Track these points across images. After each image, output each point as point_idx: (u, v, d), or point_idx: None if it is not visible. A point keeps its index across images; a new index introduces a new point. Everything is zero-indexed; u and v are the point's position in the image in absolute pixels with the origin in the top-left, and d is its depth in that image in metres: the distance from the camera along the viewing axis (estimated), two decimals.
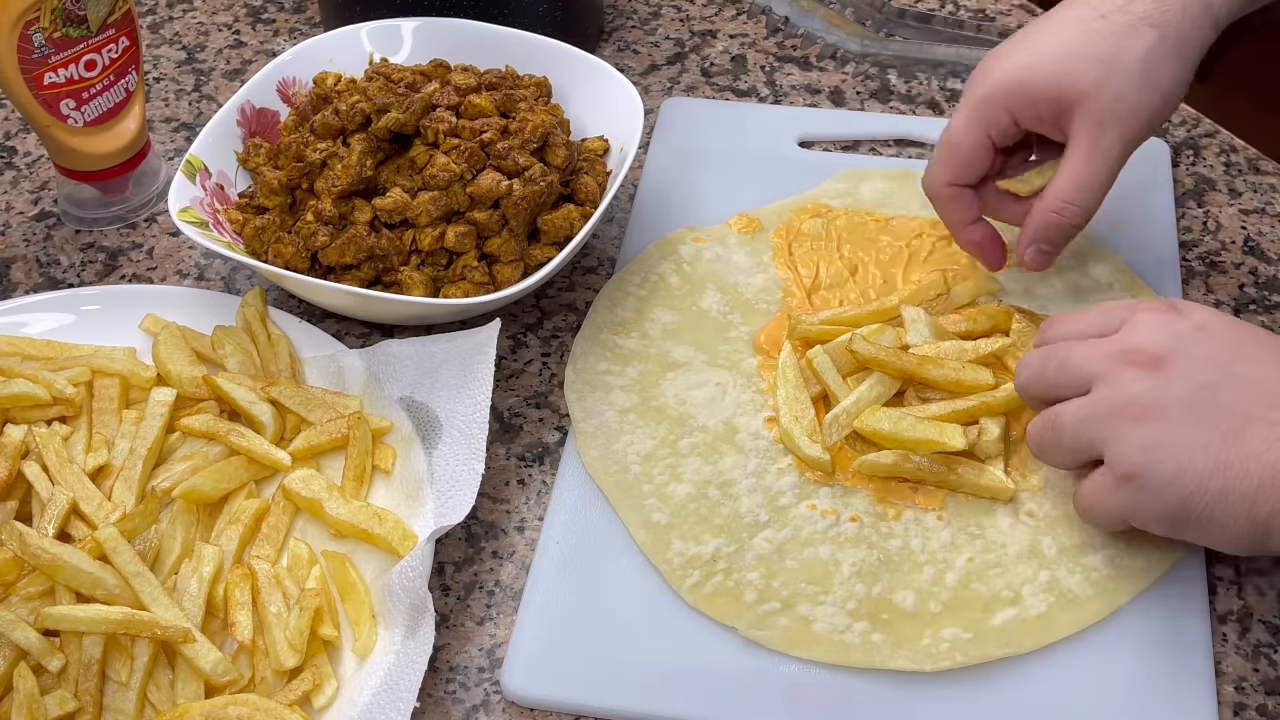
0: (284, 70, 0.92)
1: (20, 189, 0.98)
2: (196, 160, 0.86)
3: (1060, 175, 0.76)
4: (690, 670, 0.68)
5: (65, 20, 0.85)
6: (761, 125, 0.98)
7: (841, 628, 0.69)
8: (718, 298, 0.85)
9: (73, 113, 0.89)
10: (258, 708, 0.64)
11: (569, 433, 0.79)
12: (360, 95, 0.84)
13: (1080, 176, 0.75)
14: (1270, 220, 0.92)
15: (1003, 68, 0.76)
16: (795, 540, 0.72)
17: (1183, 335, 0.66)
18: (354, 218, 0.82)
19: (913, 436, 0.73)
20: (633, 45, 1.08)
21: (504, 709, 0.69)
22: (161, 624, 0.66)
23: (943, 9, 1.09)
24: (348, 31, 0.94)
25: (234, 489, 0.75)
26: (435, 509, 0.73)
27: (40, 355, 0.80)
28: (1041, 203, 0.77)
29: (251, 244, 0.83)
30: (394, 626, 0.68)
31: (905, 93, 1.02)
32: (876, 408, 0.74)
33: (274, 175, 0.84)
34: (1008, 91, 0.75)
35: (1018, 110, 0.75)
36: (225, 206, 0.86)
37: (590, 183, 0.85)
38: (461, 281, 0.81)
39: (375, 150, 0.83)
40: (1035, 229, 0.77)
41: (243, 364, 0.80)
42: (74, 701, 0.65)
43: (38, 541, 0.67)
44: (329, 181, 0.82)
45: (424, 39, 0.94)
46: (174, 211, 0.81)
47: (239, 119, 0.89)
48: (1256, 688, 0.68)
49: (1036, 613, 0.69)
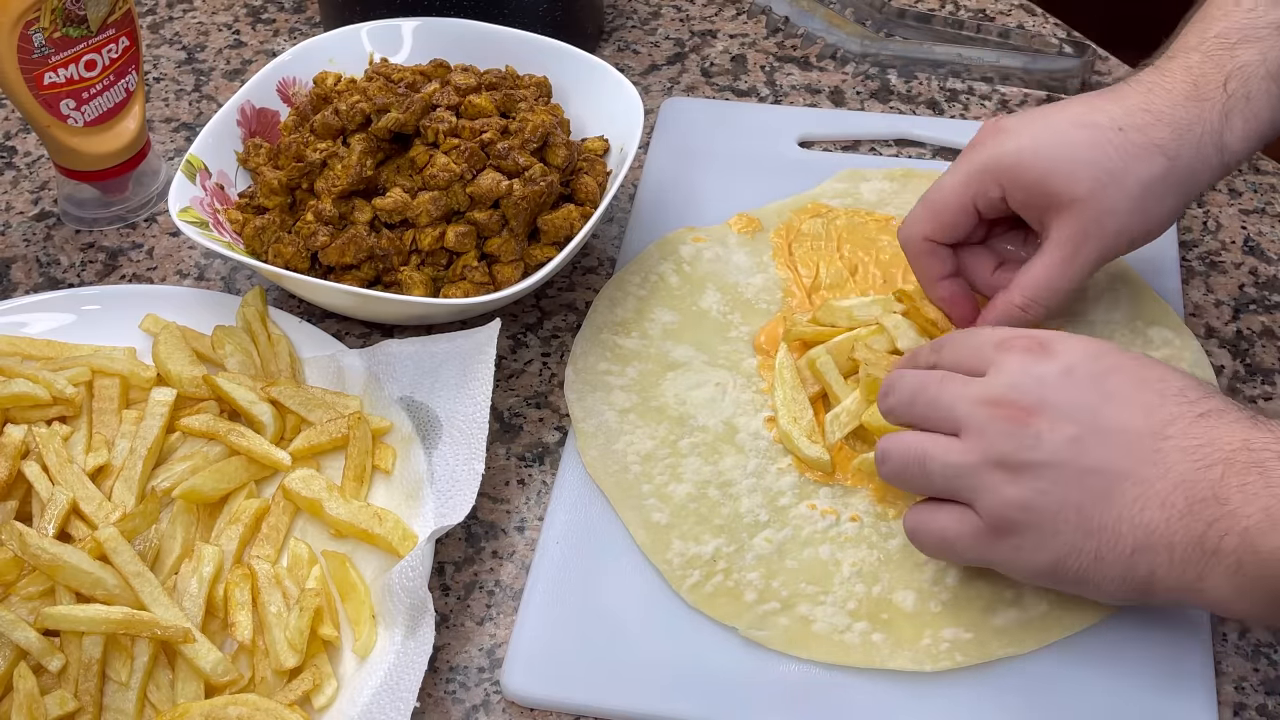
0: (284, 70, 0.92)
1: (20, 189, 0.98)
2: (196, 160, 0.86)
3: (1032, 272, 0.74)
4: (690, 670, 0.68)
5: (65, 20, 0.85)
6: (761, 125, 0.98)
7: (841, 628, 0.69)
8: (718, 298, 0.85)
9: (73, 113, 0.89)
10: (258, 708, 0.64)
11: (569, 433, 0.79)
12: (360, 95, 0.84)
13: (1051, 280, 0.73)
14: (1270, 220, 0.92)
15: (1006, 146, 0.74)
16: (795, 540, 0.72)
17: (1049, 382, 0.64)
18: (354, 218, 0.82)
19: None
20: (633, 45, 1.08)
21: (504, 709, 0.69)
22: (161, 624, 0.66)
23: (943, 9, 1.09)
24: (348, 31, 0.94)
25: (234, 489, 0.75)
26: (435, 509, 0.73)
27: (40, 355, 0.80)
28: (1007, 295, 0.75)
29: (251, 244, 0.83)
30: (394, 626, 0.68)
31: (905, 93, 1.02)
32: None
33: (274, 175, 0.84)
34: (1004, 169, 0.73)
35: (1009, 189, 0.74)
36: (225, 206, 0.86)
37: (590, 183, 0.85)
38: (461, 281, 0.81)
39: (375, 150, 0.83)
40: (996, 318, 0.75)
41: (243, 364, 0.80)
42: (74, 701, 0.65)
43: (38, 541, 0.67)
44: (329, 181, 0.82)
45: (424, 39, 0.94)
46: (174, 211, 0.81)
47: (239, 119, 0.89)
48: (1256, 688, 0.68)
49: (1037, 613, 0.69)
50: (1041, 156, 0.72)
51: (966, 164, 0.76)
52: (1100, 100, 0.74)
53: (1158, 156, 0.71)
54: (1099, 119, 0.73)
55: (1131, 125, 0.72)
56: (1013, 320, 0.75)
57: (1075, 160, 0.72)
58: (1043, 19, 1.08)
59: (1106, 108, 0.73)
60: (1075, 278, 0.74)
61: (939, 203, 0.76)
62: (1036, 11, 1.09)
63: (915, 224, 0.77)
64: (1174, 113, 0.72)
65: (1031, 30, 1.06)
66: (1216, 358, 0.83)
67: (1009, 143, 0.74)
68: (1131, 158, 0.71)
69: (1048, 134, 0.73)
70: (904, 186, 0.92)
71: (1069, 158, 0.72)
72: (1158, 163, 0.71)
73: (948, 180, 0.76)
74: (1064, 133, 0.73)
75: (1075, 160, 0.72)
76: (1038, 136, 0.73)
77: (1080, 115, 0.73)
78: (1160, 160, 0.71)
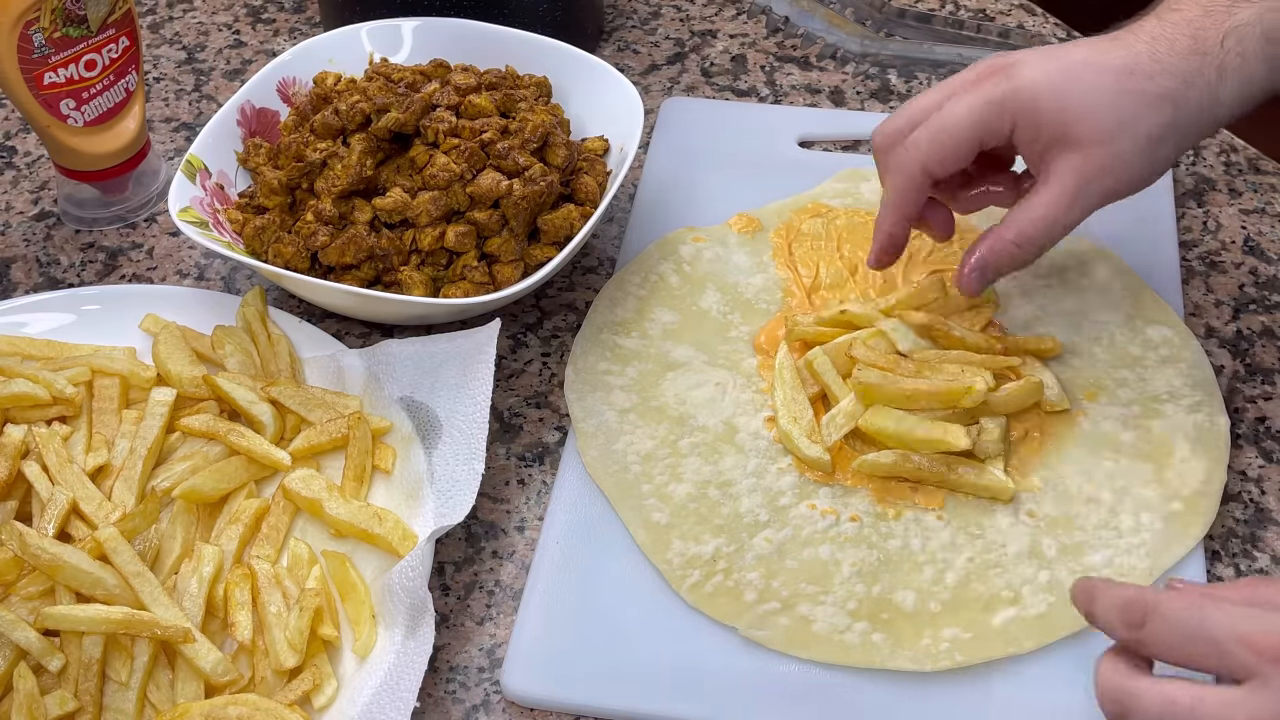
0: (284, 70, 0.92)
1: (20, 189, 0.98)
2: (196, 160, 0.86)
3: (1031, 210, 0.73)
4: (690, 670, 0.68)
5: (65, 20, 0.85)
6: (761, 125, 0.98)
7: (841, 628, 0.69)
8: (718, 298, 0.85)
9: (73, 113, 0.89)
10: (258, 708, 0.64)
11: (569, 433, 0.79)
12: (360, 95, 0.84)
13: (1051, 216, 0.73)
14: (1270, 220, 0.92)
15: (1021, 80, 0.72)
16: (795, 540, 0.72)
17: None
18: (354, 217, 0.82)
19: (916, 436, 0.73)
20: (633, 45, 1.08)
21: (504, 709, 0.69)
22: (161, 624, 0.66)
23: (943, 9, 1.09)
24: (348, 31, 0.94)
25: (234, 489, 0.75)
26: (435, 509, 0.73)
27: (40, 355, 0.80)
28: (1001, 230, 0.74)
29: (251, 244, 0.83)
30: (394, 626, 0.68)
31: (905, 93, 1.02)
32: (880, 406, 0.74)
33: (274, 175, 0.84)
34: (1021, 104, 0.72)
35: (1021, 124, 0.73)
36: (225, 206, 0.86)
37: (590, 182, 0.85)
38: (461, 281, 0.81)
39: (375, 150, 0.83)
40: (986, 255, 0.74)
41: (243, 364, 0.80)
42: (74, 701, 0.65)
43: (38, 541, 0.67)
44: (329, 181, 0.82)
45: (424, 39, 0.94)
46: (174, 211, 0.81)
47: (239, 119, 0.89)
48: None
49: (1036, 613, 0.69)
50: (1060, 95, 0.72)
51: (977, 96, 0.73)
52: (1108, 46, 0.74)
53: (1166, 106, 0.71)
54: (1112, 63, 0.72)
55: (1142, 73, 0.72)
56: (1004, 257, 0.74)
57: (1092, 104, 0.71)
58: (1043, 19, 1.08)
59: (1116, 53, 0.73)
60: (1075, 218, 0.73)
61: (946, 133, 0.73)
62: (1036, 11, 1.09)
63: (915, 151, 0.74)
64: (1179, 64, 0.72)
65: (1031, 30, 1.06)
66: (1216, 358, 0.83)
67: (1024, 78, 0.72)
68: (1144, 106, 0.71)
69: (1063, 74, 0.72)
70: None
71: (1087, 100, 0.72)
72: (1166, 112, 0.72)
73: (957, 111, 0.73)
74: (1080, 74, 0.72)
75: (1092, 104, 0.71)
76: (1052, 74, 0.72)
77: (1092, 59, 0.73)
78: (1169, 110, 0.72)
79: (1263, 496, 0.76)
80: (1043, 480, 0.75)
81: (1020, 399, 0.76)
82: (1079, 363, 0.80)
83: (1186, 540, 0.72)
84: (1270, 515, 0.75)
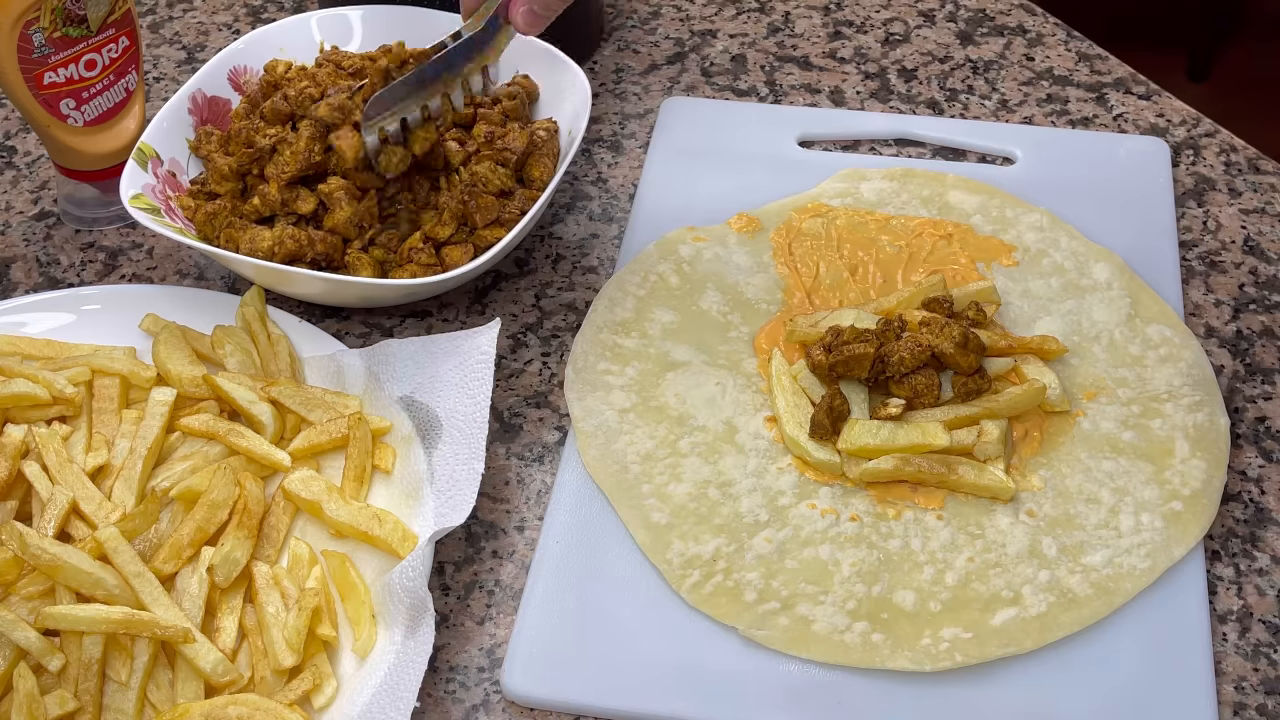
0: (236, 59, 0.93)
1: (20, 189, 0.98)
2: (148, 148, 0.87)
3: None
4: (690, 670, 0.68)
5: (65, 20, 0.85)
6: (761, 125, 0.98)
7: (841, 628, 0.69)
8: (718, 298, 0.85)
9: (73, 112, 0.89)
10: (258, 708, 0.64)
11: (569, 433, 0.79)
12: (309, 81, 0.86)
13: None
14: (1270, 220, 0.92)
15: None
16: (795, 540, 0.72)
17: None
18: (296, 207, 0.83)
19: (896, 443, 0.73)
20: (633, 45, 1.08)
21: (504, 709, 0.69)
22: (161, 624, 0.66)
23: (943, 9, 1.09)
24: (298, 20, 0.95)
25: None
26: (435, 509, 0.73)
27: (40, 355, 0.80)
28: None
29: (204, 229, 0.84)
30: (394, 626, 0.68)
31: (905, 93, 1.02)
32: (855, 423, 0.75)
33: (225, 161, 0.85)
34: None
35: None
36: (178, 193, 0.87)
37: (540, 165, 0.87)
38: (409, 264, 0.82)
39: (322, 136, 0.84)
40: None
41: (243, 364, 0.80)
42: (74, 701, 0.65)
43: (38, 541, 0.67)
44: (279, 167, 0.83)
45: (374, 26, 0.95)
46: (125, 198, 0.82)
47: (190, 107, 0.90)
48: (1256, 688, 0.68)
49: (1036, 613, 0.69)
50: None
51: None
52: None
53: None
54: None
55: None
56: None
57: None
58: (1043, 19, 1.08)
59: None
60: None
61: None
62: (1036, 11, 1.09)
63: None
64: None
65: (1031, 30, 1.06)
66: (1216, 357, 0.83)
67: None
68: None
69: None
70: (904, 186, 0.92)
71: None
72: None
73: None
74: None
75: None
76: None
77: None
78: None
79: (1263, 496, 0.76)
80: (1043, 480, 0.75)
81: (1022, 403, 0.76)
82: (1079, 362, 0.80)
83: (1186, 540, 0.72)
84: (1270, 515, 0.75)
